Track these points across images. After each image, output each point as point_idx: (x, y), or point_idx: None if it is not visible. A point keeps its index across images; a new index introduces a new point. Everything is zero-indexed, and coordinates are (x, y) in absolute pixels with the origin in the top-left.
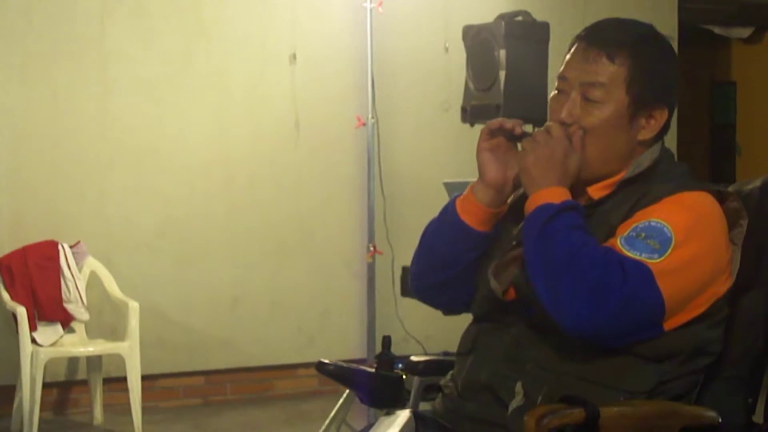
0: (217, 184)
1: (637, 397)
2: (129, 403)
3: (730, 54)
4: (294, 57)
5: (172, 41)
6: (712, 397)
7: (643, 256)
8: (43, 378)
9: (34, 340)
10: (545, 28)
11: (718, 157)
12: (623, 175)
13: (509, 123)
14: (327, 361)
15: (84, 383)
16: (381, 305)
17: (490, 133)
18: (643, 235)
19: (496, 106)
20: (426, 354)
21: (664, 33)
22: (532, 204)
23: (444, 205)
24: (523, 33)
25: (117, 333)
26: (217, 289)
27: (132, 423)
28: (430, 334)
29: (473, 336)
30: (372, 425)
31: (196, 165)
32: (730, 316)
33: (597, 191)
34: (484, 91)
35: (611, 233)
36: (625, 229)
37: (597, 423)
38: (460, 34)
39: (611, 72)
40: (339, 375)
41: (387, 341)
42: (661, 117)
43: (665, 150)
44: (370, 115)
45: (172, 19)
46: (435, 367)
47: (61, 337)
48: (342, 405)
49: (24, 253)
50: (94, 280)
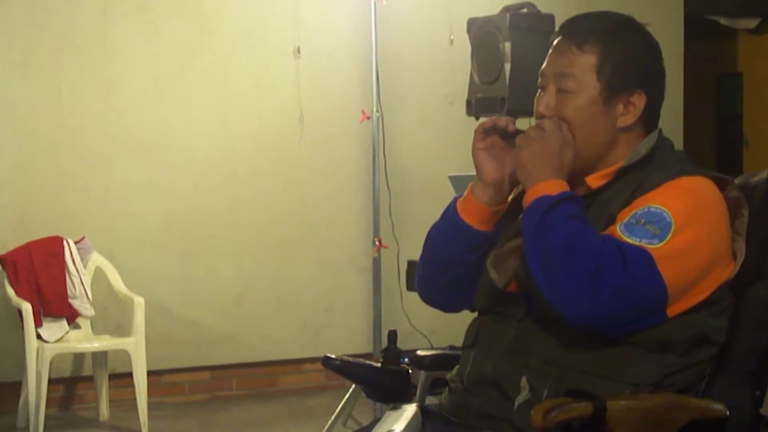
0: (222, 179)
1: (643, 390)
2: (135, 398)
3: (737, 45)
4: (298, 51)
5: (175, 36)
6: (719, 390)
7: (643, 241)
8: (49, 374)
9: (39, 336)
10: (550, 20)
11: (725, 149)
12: (621, 163)
13: (502, 121)
14: (333, 355)
15: (90, 379)
16: (387, 299)
17: (483, 132)
18: (642, 221)
19: (501, 98)
20: (432, 348)
21: (667, 25)
22: (529, 197)
23: (446, 206)
24: (528, 25)
25: (122, 329)
26: (223, 284)
27: (138, 419)
28: (436, 329)
29: (476, 329)
30: (378, 420)
31: (200, 160)
32: (736, 309)
33: (595, 180)
34: (489, 84)
35: (611, 222)
36: (625, 216)
37: (604, 416)
38: (464, 27)
39: (581, 61)
40: (345, 370)
41: (393, 336)
42: (639, 102)
43: (663, 138)
44: (374, 109)
45: (175, 13)
46: (441, 362)
47: (67, 333)
48: (348, 400)
49: (29, 249)
50: (99, 276)
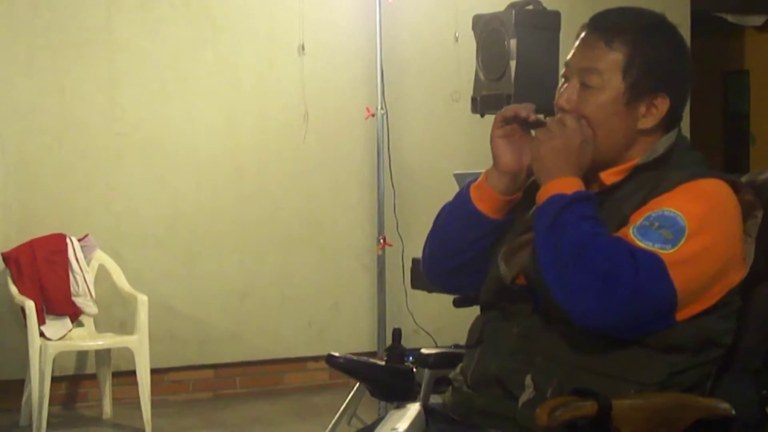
0: (226, 177)
1: (648, 389)
2: (138, 396)
3: (744, 42)
4: (302, 48)
5: (179, 32)
6: (725, 389)
7: (655, 246)
8: (52, 372)
9: (42, 334)
10: (556, 16)
11: (732, 146)
12: (637, 161)
13: (523, 111)
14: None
15: (93, 377)
16: (391, 298)
17: (503, 120)
18: (656, 224)
19: (506, 95)
20: (436, 347)
21: (674, 21)
22: (544, 194)
23: (459, 190)
24: (534, 22)
25: (126, 326)
26: (227, 282)
27: (141, 417)
28: (441, 327)
29: (480, 327)
30: (382, 419)
31: (204, 157)
32: (742, 308)
33: (609, 177)
34: (494, 81)
35: (624, 222)
36: (638, 218)
37: (609, 415)
38: (470, 24)
39: (608, 58)
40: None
41: (397, 334)
42: (662, 106)
43: (681, 137)
44: (379, 106)
45: (180, 9)
46: (445, 360)
47: (70, 330)
48: (352, 398)
49: (32, 247)
50: (102, 274)
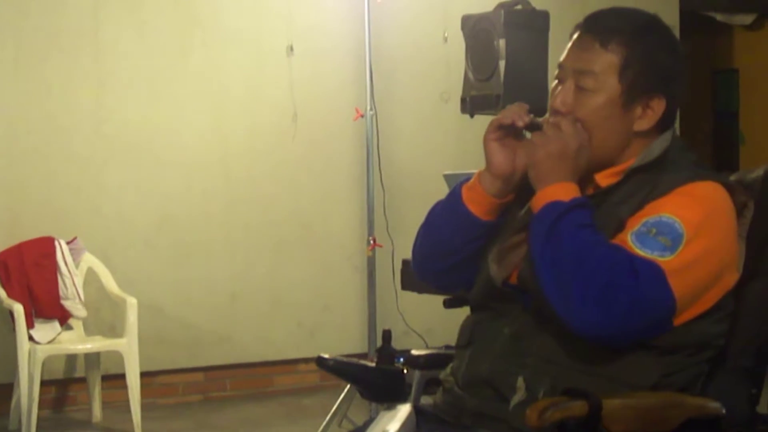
0: (215, 179)
1: (641, 390)
2: (128, 400)
3: (733, 41)
4: (291, 49)
5: (166, 34)
6: (716, 388)
7: (654, 254)
8: (41, 376)
9: (31, 338)
10: (545, 17)
11: (721, 146)
12: (632, 162)
13: (520, 121)
14: (327, 355)
15: (82, 380)
16: (381, 299)
17: (499, 127)
18: (654, 231)
19: (496, 96)
20: (427, 348)
21: (664, 20)
22: (540, 200)
23: (451, 189)
24: (523, 22)
25: (115, 330)
26: (216, 284)
27: (131, 420)
28: (432, 328)
29: (471, 328)
30: (373, 420)
31: (192, 159)
32: (734, 307)
33: (604, 179)
34: (483, 81)
35: (621, 227)
36: (636, 223)
37: (600, 415)
38: (459, 24)
39: (604, 59)
40: (339, 370)
41: (387, 335)
42: (658, 107)
43: (676, 139)
44: (368, 107)
45: (167, 11)
46: (436, 361)
47: (59, 334)
48: (343, 400)
49: (20, 250)
50: (91, 277)
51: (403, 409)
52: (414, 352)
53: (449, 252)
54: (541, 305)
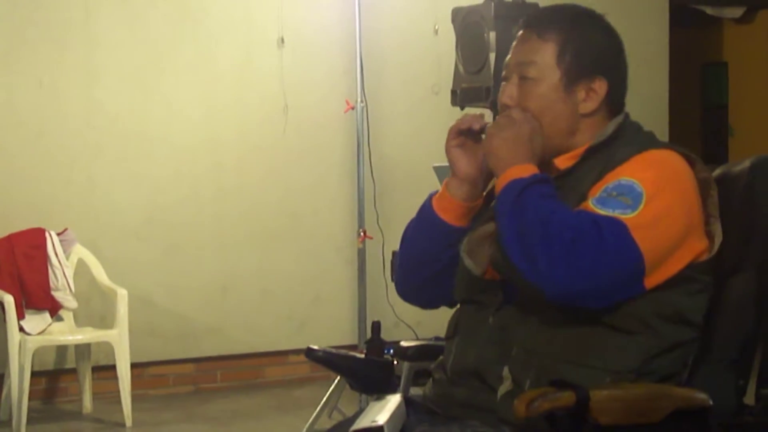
0: (205, 170)
1: (625, 377)
2: (118, 391)
3: (722, 34)
4: (282, 40)
5: (157, 26)
6: (702, 379)
7: (616, 212)
8: (32, 367)
9: (21, 329)
10: (535, 9)
11: (711, 138)
12: (588, 144)
13: (477, 124)
14: (316, 347)
15: (73, 372)
16: (372, 291)
17: (458, 132)
18: (614, 193)
19: (486, 88)
20: (417, 339)
21: (652, 14)
22: (502, 182)
23: (420, 205)
24: (513, 14)
25: (106, 321)
26: (207, 275)
27: (121, 411)
28: (421, 320)
29: (457, 319)
30: (363, 410)
31: (183, 150)
32: (719, 297)
33: (563, 162)
34: (474, 74)
35: (583, 198)
36: (596, 192)
37: (587, 406)
38: (449, 16)
39: (542, 49)
40: (328, 361)
41: (376, 327)
42: (600, 89)
43: (630, 119)
44: (359, 99)
45: (158, 3)
46: (425, 352)
47: (50, 325)
48: (333, 391)
49: (10, 241)
50: (81, 268)
51: (393, 400)
52: (403, 343)
53: (425, 262)
54: (516, 284)
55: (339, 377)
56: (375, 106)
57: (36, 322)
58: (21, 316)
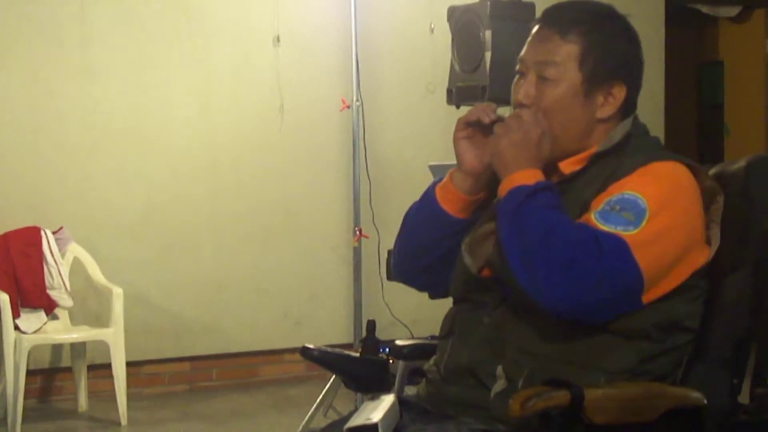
0: (201, 168)
1: (619, 378)
2: (114, 389)
3: (718, 33)
4: (278, 39)
5: (153, 23)
6: (697, 378)
7: (618, 228)
8: (27, 365)
9: (17, 328)
10: (531, 8)
11: (707, 137)
12: (595, 149)
13: (486, 117)
14: (311, 346)
15: (68, 370)
16: (367, 289)
17: (466, 123)
18: (617, 207)
19: (482, 87)
20: (413, 338)
21: (648, 13)
22: (505, 187)
23: (425, 189)
24: (509, 13)
25: (101, 319)
26: (202, 274)
27: (117, 410)
28: (417, 319)
29: (452, 318)
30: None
31: (179, 148)
32: (713, 298)
33: (568, 166)
34: (469, 73)
35: (585, 208)
36: (599, 203)
37: (582, 405)
38: (445, 15)
39: (563, 50)
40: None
41: (371, 326)
42: (619, 94)
43: (638, 124)
44: (354, 98)
45: (153, 1)
46: (420, 351)
47: (45, 323)
48: (329, 390)
49: (6, 240)
50: (77, 266)
51: (387, 399)
52: (398, 342)
53: (425, 251)
54: (512, 289)
55: (334, 376)
56: (371, 105)
57: (31, 320)
58: (16, 314)
